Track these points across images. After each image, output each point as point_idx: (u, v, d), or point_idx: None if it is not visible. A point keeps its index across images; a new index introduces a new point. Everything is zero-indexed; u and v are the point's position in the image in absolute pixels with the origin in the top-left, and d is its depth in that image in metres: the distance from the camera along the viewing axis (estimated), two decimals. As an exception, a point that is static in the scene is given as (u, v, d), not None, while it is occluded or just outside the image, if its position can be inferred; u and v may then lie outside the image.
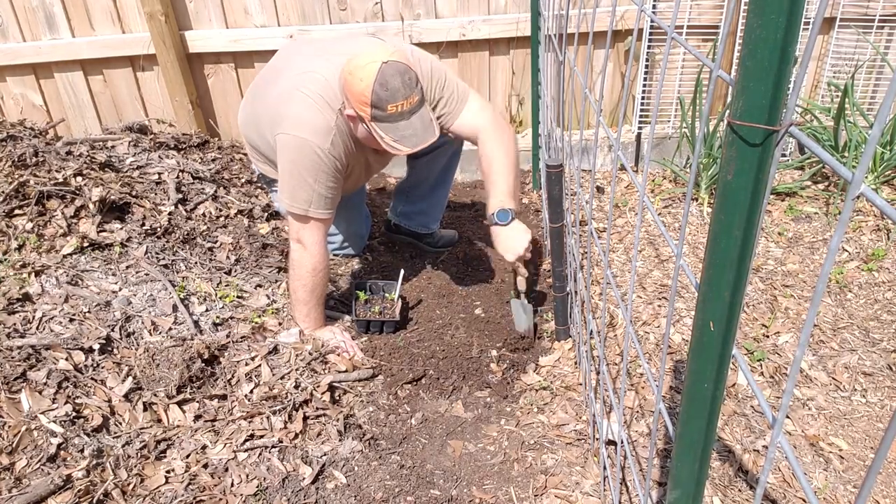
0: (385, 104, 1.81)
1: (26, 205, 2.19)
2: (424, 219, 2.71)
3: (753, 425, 1.81)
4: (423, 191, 2.64)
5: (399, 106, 1.82)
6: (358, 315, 2.27)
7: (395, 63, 1.81)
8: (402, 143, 1.87)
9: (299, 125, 1.96)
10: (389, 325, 2.28)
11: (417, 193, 2.66)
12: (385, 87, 1.80)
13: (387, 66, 1.80)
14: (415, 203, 2.68)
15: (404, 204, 2.72)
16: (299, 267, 2.08)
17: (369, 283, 2.40)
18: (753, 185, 0.64)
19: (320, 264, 2.07)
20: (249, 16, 3.11)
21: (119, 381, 1.78)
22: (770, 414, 0.72)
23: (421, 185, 2.64)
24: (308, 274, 2.07)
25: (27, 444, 1.56)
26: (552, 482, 1.68)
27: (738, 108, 0.62)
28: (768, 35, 0.57)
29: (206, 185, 2.73)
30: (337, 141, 1.98)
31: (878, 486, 1.62)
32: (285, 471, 1.71)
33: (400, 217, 2.76)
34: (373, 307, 2.32)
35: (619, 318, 2.26)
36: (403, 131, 1.86)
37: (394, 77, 1.80)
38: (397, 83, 1.80)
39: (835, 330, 2.15)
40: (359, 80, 1.81)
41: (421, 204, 2.67)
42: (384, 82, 1.79)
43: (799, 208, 2.82)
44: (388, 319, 2.26)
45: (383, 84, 1.79)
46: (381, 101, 1.81)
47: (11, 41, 3.13)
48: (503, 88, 3.35)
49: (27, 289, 1.94)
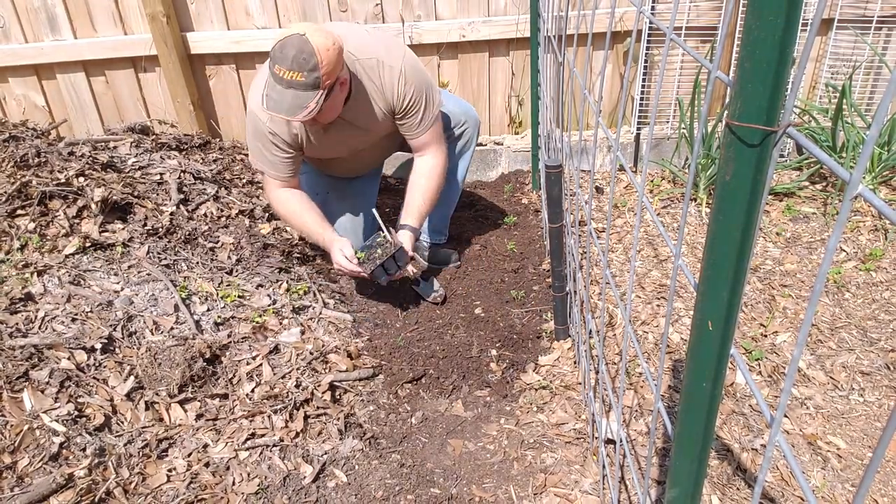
0: (273, 63, 1.95)
1: (29, 205, 2.19)
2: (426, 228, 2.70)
3: (752, 424, 1.82)
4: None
5: (281, 71, 1.94)
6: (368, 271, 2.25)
7: (305, 41, 1.92)
8: (266, 101, 2.01)
9: (253, 94, 2.21)
10: (400, 257, 2.27)
11: None
12: (282, 49, 1.93)
13: (297, 38, 1.93)
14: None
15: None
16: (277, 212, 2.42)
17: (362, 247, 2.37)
18: (751, 185, 0.65)
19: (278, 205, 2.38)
20: (250, 17, 3.12)
21: (121, 380, 1.79)
22: (768, 413, 0.72)
23: None
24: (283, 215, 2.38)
25: (29, 443, 1.57)
26: (551, 481, 1.69)
27: (736, 109, 0.62)
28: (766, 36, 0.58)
29: (207, 185, 2.74)
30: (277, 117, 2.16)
31: (875, 484, 1.63)
32: (286, 469, 1.72)
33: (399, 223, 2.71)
34: (375, 253, 2.31)
35: (618, 318, 2.27)
36: (272, 93, 1.98)
37: (291, 48, 1.92)
38: (290, 53, 1.92)
39: (833, 329, 2.16)
40: (279, 35, 1.97)
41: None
42: (283, 46, 1.93)
43: (797, 208, 2.83)
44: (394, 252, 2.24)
45: (282, 47, 1.93)
46: (274, 58, 1.95)
47: (14, 42, 3.13)
48: (503, 89, 3.36)
49: (29, 288, 1.95)
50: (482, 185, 3.39)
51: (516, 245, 2.78)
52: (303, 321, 2.21)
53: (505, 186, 3.30)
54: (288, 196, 2.36)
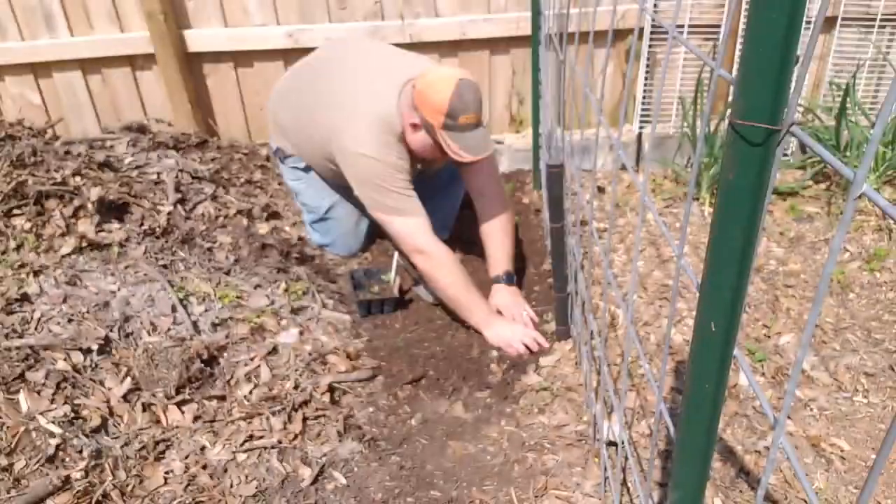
0: (458, 114, 2.03)
1: (24, 204, 2.18)
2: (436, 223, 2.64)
3: (755, 426, 1.80)
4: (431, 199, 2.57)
5: (469, 118, 2.05)
6: (358, 297, 2.37)
7: (469, 81, 2.07)
8: (467, 151, 2.09)
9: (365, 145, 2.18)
10: (389, 304, 2.37)
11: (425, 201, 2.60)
12: (461, 99, 2.02)
13: (462, 82, 2.04)
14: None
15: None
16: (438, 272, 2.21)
17: (365, 270, 2.53)
18: (755, 184, 0.64)
19: (450, 266, 2.22)
20: (248, 15, 3.10)
21: (118, 381, 1.78)
22: (772, 415, 0.72)
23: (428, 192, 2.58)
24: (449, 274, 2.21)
25: (26, 445, 1.56)
26: (553, 483, 1.67)
27: (739, 108, 0.62)
28: (770, 34, 0.57)
29: (204, 184, 2.72)
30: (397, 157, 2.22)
31: (879, 487, 1.62)
32: (285, 472, 1.70)
33: None
34: (371, 289, 2.44)
35: (620, 319, 2.26)
36: (469, 141, 2.08)
37: (468, 92, 2.04)
38: (470, 97, 2.04)
39: (836, 330, 2.14)
40: (437, 91, 2.04)
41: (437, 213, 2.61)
42: (461, 95, 2.02)
43: (801, 208, 2.82)
44: (388, 297, 2.37)
45: (460, 96, 2.02)
46: (455, 111, 2.03)
47: (10, 41, 3.12)
48: (504, 88, 3.34)
49: (25, 289, 1.93)
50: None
51: (517, 245, 2.77)
52: (301, 322, 2.20)
53: (506, 186, 3.28)
54: (452, 256, 2.25)
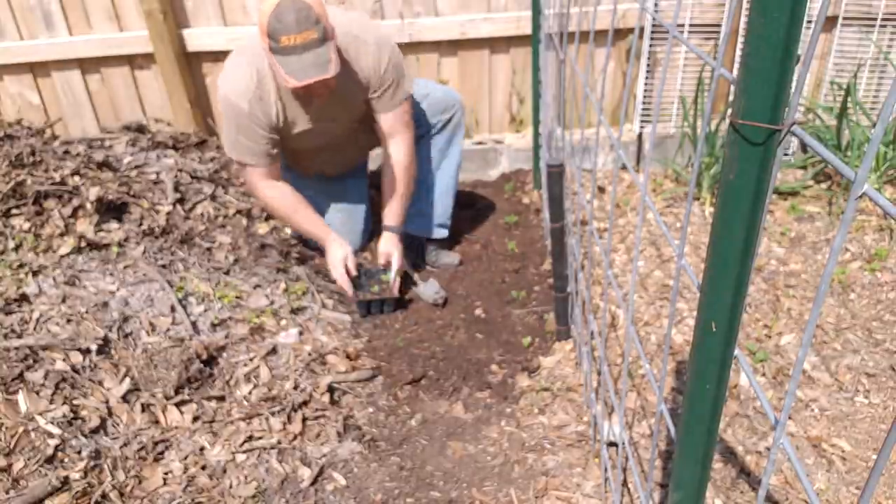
0: (279, 35, 1.90)
1: (23, 204, 2.18)
2: (424, 221, 2.65)
3: (756, 426, 1.79)
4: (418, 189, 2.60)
5: (291, 39, 1.90)
6: (358, 297, 2.36)
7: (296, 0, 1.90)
8: (293, 76, 1.94)
9: (226, 82, 2.16)
10: (389, 304, 2.38)
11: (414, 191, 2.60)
12: (279, 19, 1.89)
13: (286, 1, 1.90)
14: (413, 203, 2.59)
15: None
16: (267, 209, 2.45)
17: (364, 270, 2.51)
18: (756, 184, 0.64)
19: (272, 200, 2.34)
20: (248, 14, 3.10)
21: (117, 381, 1.78)
22: (772, 415, 0.71)
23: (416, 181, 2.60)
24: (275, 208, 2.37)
25: (25, 446, 1.55)
26: (553, 484, 1.67)
27: (740, 107, 0.61)
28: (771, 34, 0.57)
29: (204, 184, 2.72)
30: (255, 99, 2.14)
31: (880, 487, 1.61)
32: (284, 472, 1.70)
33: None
34: (371, 288, 2.44)
35: (620, 319, 2.25)
36: (293, 65, 1.93)
37: (288, 12, 1.89)
38: (291, 18, 1.89)
39: (837, 331, 2.14)
40: (262, 11, 1.93)
41: (419, 203, 2.63)
42: (279, 14, 1.89)
43: (801, 208, 2.81)
44: (388, 297, 2.37)
45: (278, 16, 1.89)
46: (275, 32, 1.90)
47: (8, 40, 3.12)
48: (504, 87, 3.34)
49: (24, 289, 1.93)
50: (483, 184, 3.37)
51: (517, 245, 2.76)
52: (301, 322, 2.20)
53: (506, 185, 3.28)
54: (277, 188, 2.33)
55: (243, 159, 2.26)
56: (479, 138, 3.42)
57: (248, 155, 2.24)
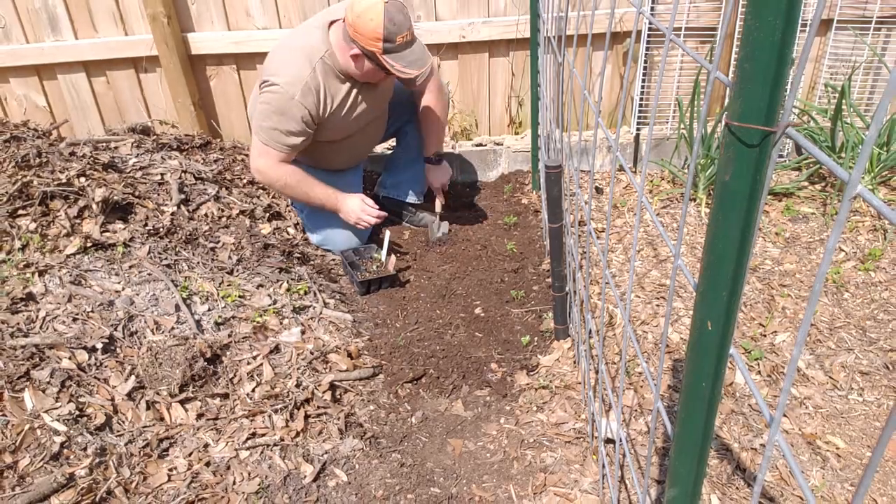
0: (395, 36, 2.17)
1: (30, 205, 2.20)
2: (405, 187, 2.98)
3: (751, 424, 1.82)
4: (403, 162, 3.00)
5: (405, 36, 2.19)
6: (357, 278, 2.49)
7: (394, 2, 2.18)
8: (411, 67, 2.24)
9: (277, 74, 2.33)
10: (387, 281, 2.53)
11: (399, 165, 3.02)
12: (393, 22, 2.16)
13: (389, 5, 2.16)
14: (397, 175, 3.00)
15: (387, 175, 3.07)
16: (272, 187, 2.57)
17: (354, 250, 2.67)
18: (751, 185, 0.65)
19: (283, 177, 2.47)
20: (251, 17, 3.12)
21: (122, 379, 1.80)
22: (767, 412, 0.72)
23: (401, 157, 3.02)
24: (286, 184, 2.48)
25: (31, 443, 1.57)
26: (551, 480, 1.69)
27: (735, 110, 0.63)
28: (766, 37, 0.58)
29: (208, 185, 2.74)
30: (308, 90, 2.34)
31: (874, 484, 1.64)
32: (287, 469, 1.72)
33: (381, 187, 3.07)
34: (369, 268, 2.58)
35: (617, 318, 2.28)
36: (409, 57, 2.23)
37: (398, 13, 2.17)
38: (401, 17, 2.17)
39: (832, 329, 2.17)
40: (369, 20, 2.16)
41: (402, 175, 2.99)
42: (392, 18, 2.16)
43: (796, 208, 2.84)
44: (385, 275, 2.52)
45: (392, 20, 2.16)
46: (391, 35, 2.17)
47: (15, 43, 3.14)
48: (503, 90, 3.36)
49: (31, 288, 1.95)
50: (482, 184, 3.39)
51: (516, 245, 2.79)
52: (303, 321, 2.22)
53: (505, 186, 3.30)
54: (290, 168, 2.49)
55: (271, 143, 2.40)
56: (479, 140, 3.44)
57: (278, 140, 2.39)
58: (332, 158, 2.75)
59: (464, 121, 3.43)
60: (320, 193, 2.55)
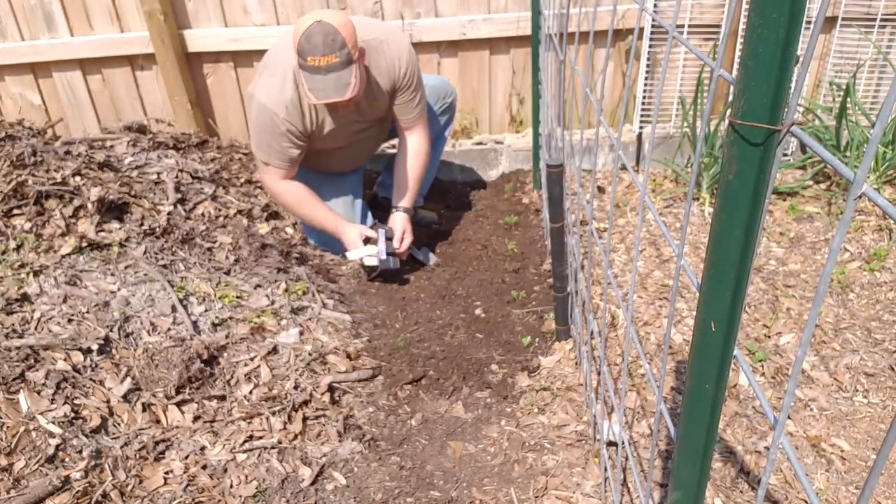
0: (306, 55, 2.10)
1: (24, 204, 2.18)
2: None
3: (755, 426, 1.80)
4: None
5: (317, 60, 2.09)
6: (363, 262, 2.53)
7: (326, 24, 2.08)
8: (312, 93, 2.16)
9: (263, 90, 2.33)
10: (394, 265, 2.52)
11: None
12: (308, 40, 2.09)
13: (317, 25, 2.08)
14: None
15: (387, 175, 3.03)
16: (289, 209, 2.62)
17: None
18: (755, 184, 0.64)
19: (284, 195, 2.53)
20: (249, 14, 3.10)
21: (118, 381, 1.78)
22: (772, 415, 0.71)
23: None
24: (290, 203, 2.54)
25: (25, 445, 1.56)
26: (553, 483, 1.67)
27: (739, 108, 0.61)
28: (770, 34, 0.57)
29: (205, 184, 2.72)
30: (292, 106, 2.33)
31: (880, 487, 1.62)
32: (284, 472, 1.70)
33: (380, 188, 3.09)
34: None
35: (620, 319, 2.26)
36: (315, 83, 2.14)
37: (317, 35, 2.08)
38: (318, 41, 2.08)
39: (836, 330, 2.14)
40: (296, 31, 2.12)
41: None
42: (309, 36, 2.08)
43: (801, 208, 2.82)
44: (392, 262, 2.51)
45: (308, 38, 2.08)
46: (303, 51, 2.10)
47: (10, 40, 3.12)
48: (503, 88, 3.34)
49: (25, 289, 1.93)
50: (482, 184, 3.37)
51: (517, 245, 2.77)
52: (301, 322, 2.20)
53: (506, 186, 3.28)
54: (293, 186, 2.52)
55: (270, 161, 2.43)
56: (479, 138, 3.42)
57: (275, 157, 2.42)
58: (331, 163, 2.74)
59: (464, 119, 3.41)
60: (320, 217, 2.58)
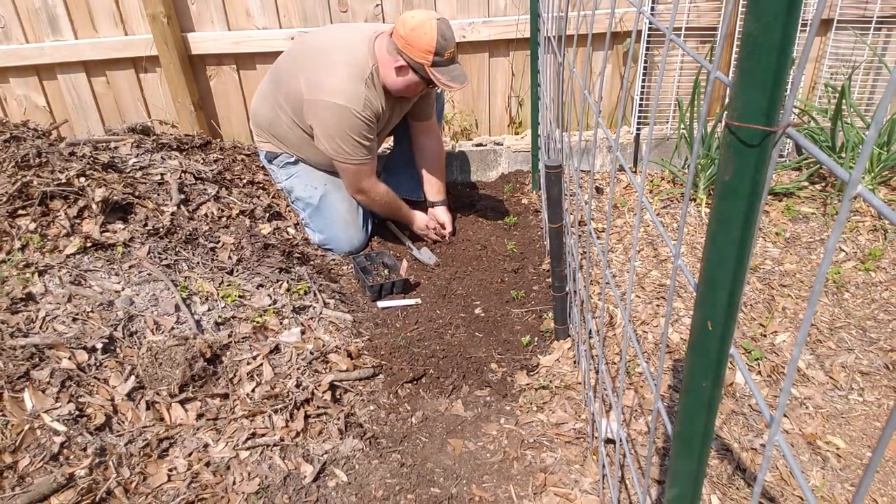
0: (444, 51, 2.33)
1: (30, 205, 2.20)
2: (405, 186, 3.01)
3: (751, 424, 1.82)
4: (402, 161, 3.04)
5: (451, 52, 2.36)
6: (369, 282, 2.51)
7: (444, 20, 2.36)
8: (454, 81, 2.39)
9: (338, 92, 2.42)
10: (398, 285, 2.53)
11: (398, 164, 3.08)
12: (444, 37, 2.32)
13: (440, 22, 2.33)
14: (396, 173, 3.07)
15: (387, 175, 3.07)
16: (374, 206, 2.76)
17: (365, 255, 2.70)
18: (751, 185, 0.65)
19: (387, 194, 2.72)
20: (251, 17, 3.12)
21: (122, 379, 1.79)
22: (767, 413, 0.72)
23: (399, 156, 3.06)
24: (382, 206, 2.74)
25: (30, 443, 1.57)
26: (551, 480, 1.69)
27: (735, 110, 0.62)
28: (766, 37, 0.58)
29: (208, 185, 2.74)
30: (368, 104, 2.46)
31: (875, 484, 1.64)
32: (287, 469, 1.72)
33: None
34: (381, 272, 2.63)
35: (618, 318, 2.28)
36: (454, 72, 2.40)
37: (447, 30, 2.35)
38: (450, 34, 2.35)
39: (832, 329, 2.16)
40: (423, 34, 2.31)
41: (402, 174, 3.05)
42: (443, 33, 2.32)
43: (796, 208, 2.84)
44: (397, 279, 2.52)
45: (443, 35, 2.32)
46: (441, 49, 2.32)
47: (14, 42, 3.14)
48: (503, 90, 3.36)
49: (30, 288, 1.95)
50: (482, 185, 3.39)
51: (516, 245, 2.79)
52: (303, 321, 2.22)
53: (505, 187, 3.30)
54: (382, 186, 2.71)
55: (371, 153, 2.57)
56: (479, 140, 3.44)
57: (363, 151, 2.54)
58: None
59: (464, 121, 3.43)
60: (404, 209, 2.80)
